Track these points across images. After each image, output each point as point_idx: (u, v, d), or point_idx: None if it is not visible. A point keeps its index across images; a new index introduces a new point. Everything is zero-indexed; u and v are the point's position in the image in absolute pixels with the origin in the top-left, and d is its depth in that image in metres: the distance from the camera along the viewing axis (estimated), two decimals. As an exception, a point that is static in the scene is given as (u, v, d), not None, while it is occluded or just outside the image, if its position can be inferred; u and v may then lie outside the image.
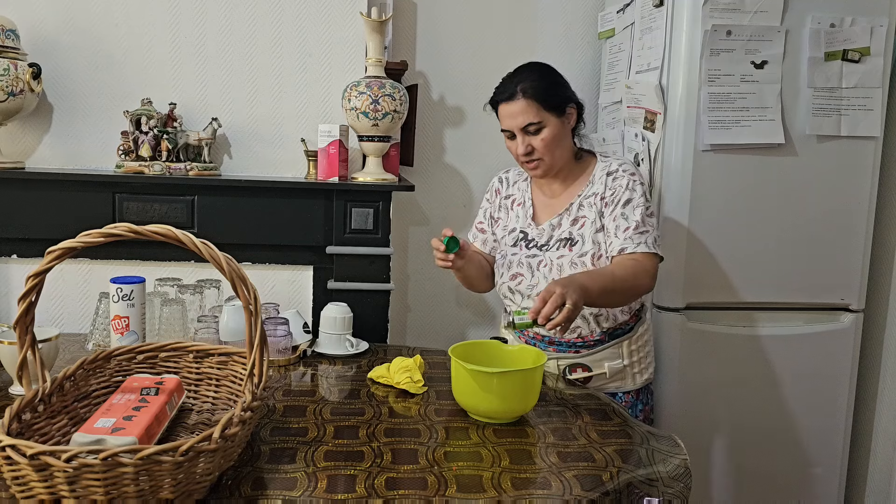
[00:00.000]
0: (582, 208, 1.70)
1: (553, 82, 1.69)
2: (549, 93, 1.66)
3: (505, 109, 1.67)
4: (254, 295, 1.11)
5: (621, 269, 1.60)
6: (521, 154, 1.68)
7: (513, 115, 1.66)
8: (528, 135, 1.66)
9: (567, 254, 1.67)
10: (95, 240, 1.06)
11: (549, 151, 1.67)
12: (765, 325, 2.13)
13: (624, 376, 1.74)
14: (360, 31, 2.09)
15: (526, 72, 1.69)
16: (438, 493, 1.09)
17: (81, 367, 1.24)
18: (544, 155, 1.67)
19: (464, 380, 1.37)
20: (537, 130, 1.66)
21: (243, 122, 2.12)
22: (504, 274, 1.76)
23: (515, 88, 1.65)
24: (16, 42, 1.92)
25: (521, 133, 1.67)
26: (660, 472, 1.20)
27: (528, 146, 1.67)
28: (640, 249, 1.62)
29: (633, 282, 1.60)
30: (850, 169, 2.10)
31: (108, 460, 0.89)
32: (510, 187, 1.84)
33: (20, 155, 2.05)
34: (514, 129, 1.67)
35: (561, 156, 1.70)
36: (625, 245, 1.63)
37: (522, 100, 1.64)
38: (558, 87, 1.69)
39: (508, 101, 1.66)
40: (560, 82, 1.71)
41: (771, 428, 2.16)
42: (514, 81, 1.67)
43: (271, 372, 1.67)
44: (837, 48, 2.04)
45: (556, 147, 1.68)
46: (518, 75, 1.69)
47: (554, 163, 1.69)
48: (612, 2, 2.42)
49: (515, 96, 1.65)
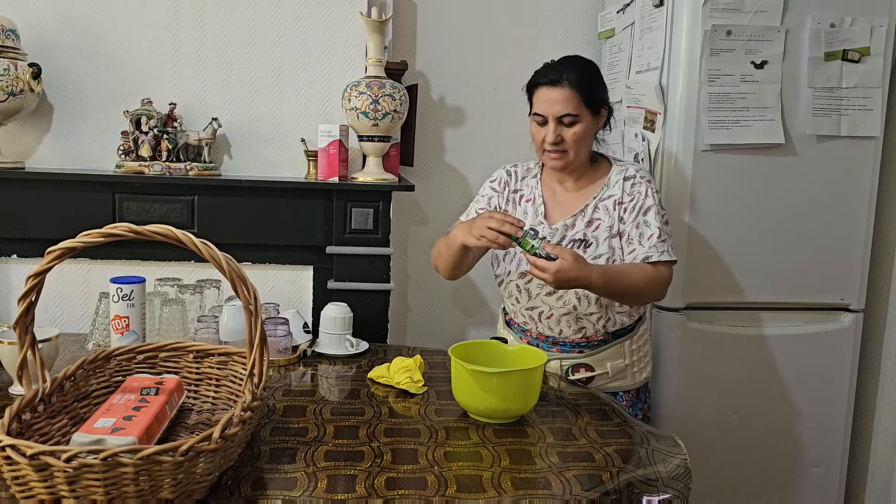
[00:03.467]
0: (597, 210, 1.70)
1: (597, 80, 1.69)
2: (592, 89, 1.65)
3: (545, 94, 1.65)
4: (254, 295, 1.11)
5: (640, 276, 1.62)
6: (550, 142, 1.65)
7: (552, 102, 1.64)
8: (561, 125, 1.64)
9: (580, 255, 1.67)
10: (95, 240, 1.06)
11: (575, 146, 1.66)
12: (765, 325, 2.13)
13: (625, 375, 1.75)
14: (360, 31, 2.09)
15: (574, 62, 1.68)
16: (438, 493, 1.09)
17: (81, 367, 1.24)
18: (571, 148, 1.66)
19: (464, 380, 1.37)
20: (572, 123, 1.64)
21: (243, 122, 2.12)
22: (512, 272, 1.75)
23: (562, 76, 1.63)
24: (16, 42, 1.92)
25: (554, 121, 1.64)
26: (660, 472, 1.20)
27: (559, 136, 1.64)
28: (663, 258, 1.64)
29: (647, 290, 1.63)
30: (849, 169, 2.10)
31: (108, 460, 0.89)
32: (518, 182, 1.81)
33: (20, 155, 2.05)
34: (550, 116, 1.64)
35: (583, 154, 1.70)
36: (649, 254, 1.64)
37: (567, 89, 1.62)
38: (599, 87, 1.69)
39: (552, 86, 1.64)
40: (602, 82, 1.70)
41: (771, 428, 2.16)
42: (560, 68, 1.65)
43: (271, 372, 1.67)
44: (837, 48, 2.04)
45: (583, 145, 1.67)
46: (565, 64, 1.67)
47: (577, 159, 1.68)
48: (611, 2, 2.42)
49: (560, 83, 1.63)
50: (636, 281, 1.61)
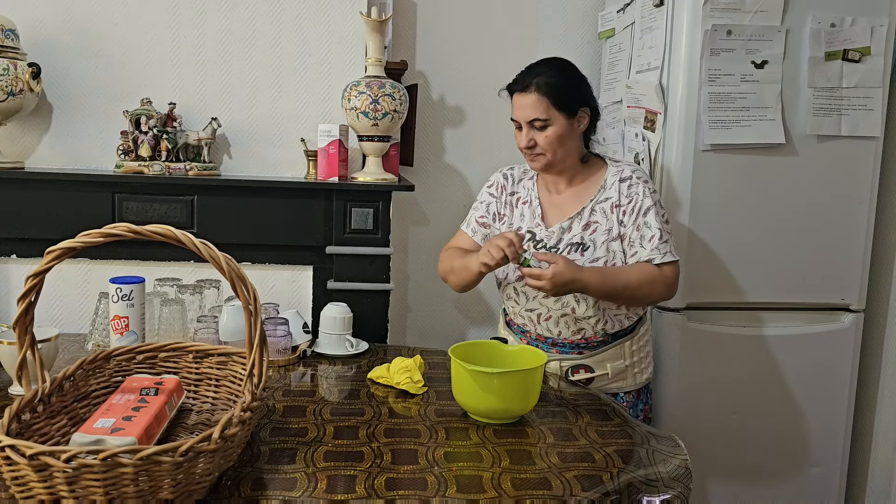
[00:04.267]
0: (594, 213, 1.70)
1: (570, 83, 1.68)
2: (563, 92, 1.65)
3: (517, 100, 1.67)
4: (253, 295, 1.10)
5: (638, 276, 1.62)
6: (522, 146, 1.69)
7: (522, 108, 1.66)
8: (532, 129, 1.66)
9: (578, 258, 1.67)
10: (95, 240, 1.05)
11: (550, 149, 1.66)
12: (765, 326, 2.13)
13: (625, 376, 1.74)
14: (359, 30, 2.09)
15: (545, 66, 1.68)
16: (438, 493, 1.09)
17: (81, 368, 1.24)
18: (546, 151, 1.67)
19: (464, 380, 1.37)
20: (542, 127, 1.65)
21: (243, 122, 2.11)
22: (510, 275, 1.75)
23: (531, 81, 1.64)
24: (15, 42, 1.92)
25: (526, 126, 1.66)
26: (660, 472, 1.20)
27: (531, 140, 1.66)
28: (667, 259, 1.64)
29: (648, 289, 1.63)
30: (850, 169, 2.10)
31: (107, 461, 0.89)
32: (515, 185, 1.82)
33: (20, 155, 2.05)
34: (522, 121, 1.67)
35: (564, 156, 1.69)
36: (652, 256, 1.64)
37: (535, 94, 1.64)
38: (573, 89, 1.68)
39: (522, 93, 1.66)
40: (577, 83, 1.70)
41: (771, 428, 2.16)
42: (531, 73, 1.66)
43: (271, 372, 1.66)
44: (838, 48, 2.04)
45: (560, 146, 1.67)
46: (537, 68, 1.68)
47: (555, 160, 1.69)
48: (612, 1, 2.42)
49: (529, 89, 1.64)
50: (633, 280, 1.61)
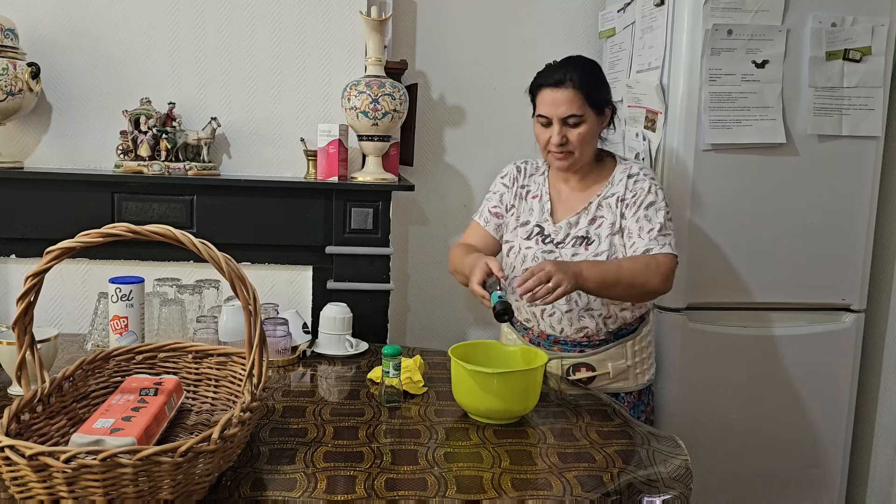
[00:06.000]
0: (601, 208, 1.70)
1: (600, 80, 1.68)
2: (595, 89, 1.65)
3: (549, 95, 1.64)
4: (253, 295, 1.10)
5: (631, 263, 1.60)
6: (555, 144, 1.65)
7: (556, 103, 1.63)
8: (566, 126, 1.64)
9: (582, 252, 1.66)
10: (94, 240, 1.05)
11: (581, 146, 1.65)
12: (766, 326, 2.13)
13: (627, 376, 1.74)
14: (359, 30, 2.09)
15: (577, 62, 1.67)
16: (438, 493, 1.09)
17: (80, 368, 1.24)
18: (576, 149, 1.65)
19: (464, 380, 1.37)
20: (577, 123, 1.63)
21: (242, 122, 2.11)
22: (517, 267, 1.75)
23: (565, 76, 1.62)
24: (15, 41, 1.92)
25: (559, 123, 1.64)
26: (661, 472, 1.20)
27: (564, 137, 1.64)
28: (664, 251, 1.63)
29: (643, 278, 1.58)
30: (851, 169, 2.10)
31: (106, 461, 0.89)
32: (527, 178, 1.82)
33: (19, 155, 2.04)
34: (555, 118, 1.64)
35: (588, 153, 1.70)
36: (650, 246, 1.63)
37: (571, 89, 1.62)
38: (602, 86, 1.68)
39: (555, 88, 1.63)
40: (605, 81, 1.70)
41: (772, 428, 2.16)
42: (564, 69, 1.64)
43: (270, 372, 1.66)
44: (839, 48, 2.04)
45: (588, 144, 1.67)
46: (569, 64, 1.66)
47: (582, 158, 1.68)
48: (612, 1, 2.42)
49: (564, 84, 1.62)
50: (626, 266, 1.58)
